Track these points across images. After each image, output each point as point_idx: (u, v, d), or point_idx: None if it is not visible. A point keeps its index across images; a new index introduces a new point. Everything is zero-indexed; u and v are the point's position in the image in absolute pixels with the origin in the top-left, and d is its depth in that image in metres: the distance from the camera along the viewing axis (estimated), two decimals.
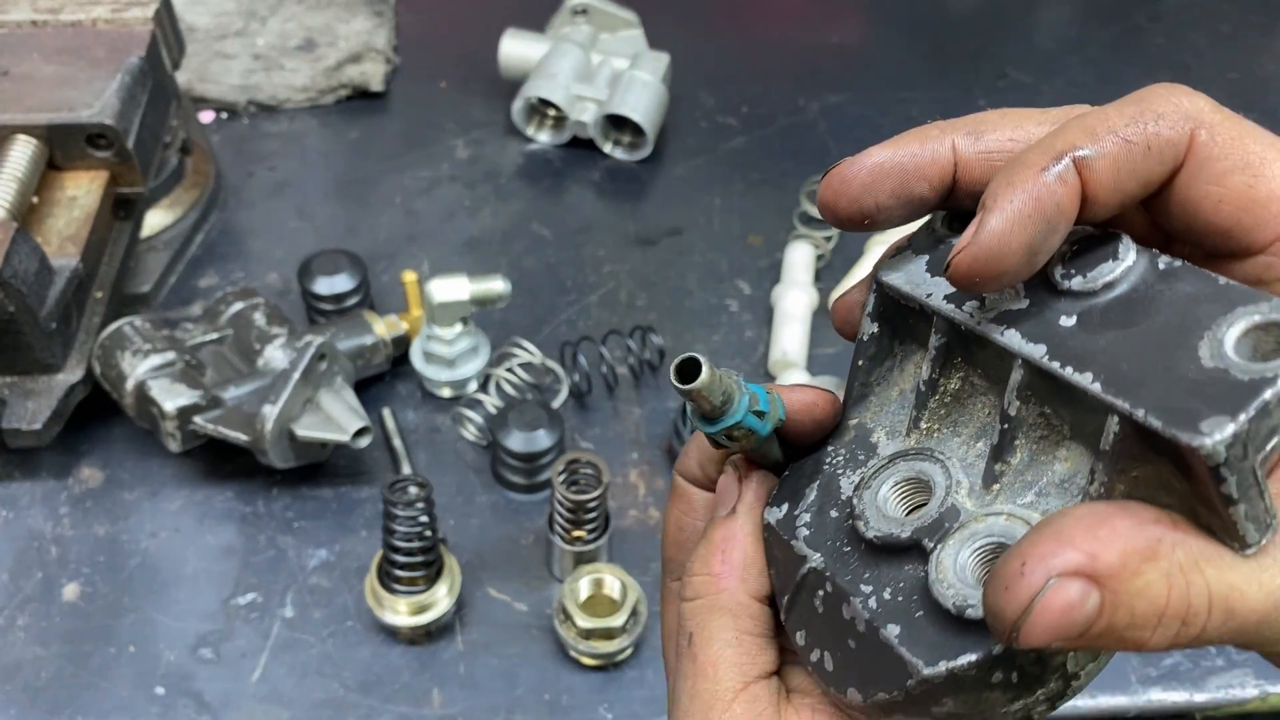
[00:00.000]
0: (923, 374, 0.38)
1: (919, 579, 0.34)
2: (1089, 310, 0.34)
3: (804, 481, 0.40)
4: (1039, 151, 0.34)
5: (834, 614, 0.36)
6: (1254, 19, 1.30)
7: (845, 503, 0.38)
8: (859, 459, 0.40)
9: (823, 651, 0.36)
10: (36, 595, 0.75)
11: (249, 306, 0.81)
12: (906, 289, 0.38)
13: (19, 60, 0.85)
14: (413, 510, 0.68)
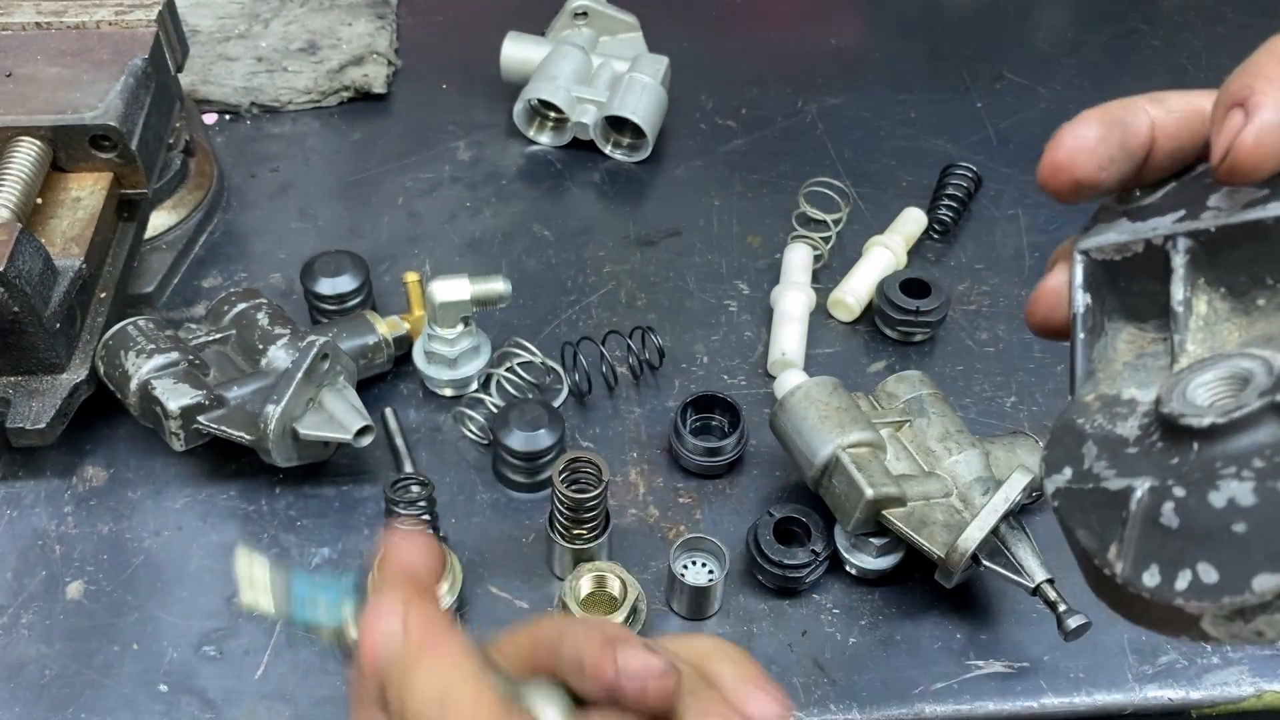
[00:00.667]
0: (1175, 295, 0.38)
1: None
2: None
3: (1071, 449, 0.38)
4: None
5: (1198, 518, 0.33)
6: (1250, 21, 1.31)
7: (1145, 430, 0.36)
8: (1122, 413, 0.38)
9: (1193, 569, 0.33)
10: (40, 593, 0.76)
11: (252, 307, 0.82)
12: (1124, 238, 0.39)
13: (23, 62, 0.85)
14: (415, 509, 0.68)
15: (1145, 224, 0.39)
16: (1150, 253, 0.39)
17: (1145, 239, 0.39)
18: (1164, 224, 0.39)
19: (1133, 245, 0.39)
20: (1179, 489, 0.34)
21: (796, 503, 0.79)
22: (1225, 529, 0.33)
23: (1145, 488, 0.35)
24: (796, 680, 0.73)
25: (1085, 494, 0.37)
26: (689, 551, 0.77)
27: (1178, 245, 0.38)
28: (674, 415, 0.83)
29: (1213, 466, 0.34)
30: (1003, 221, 1.05)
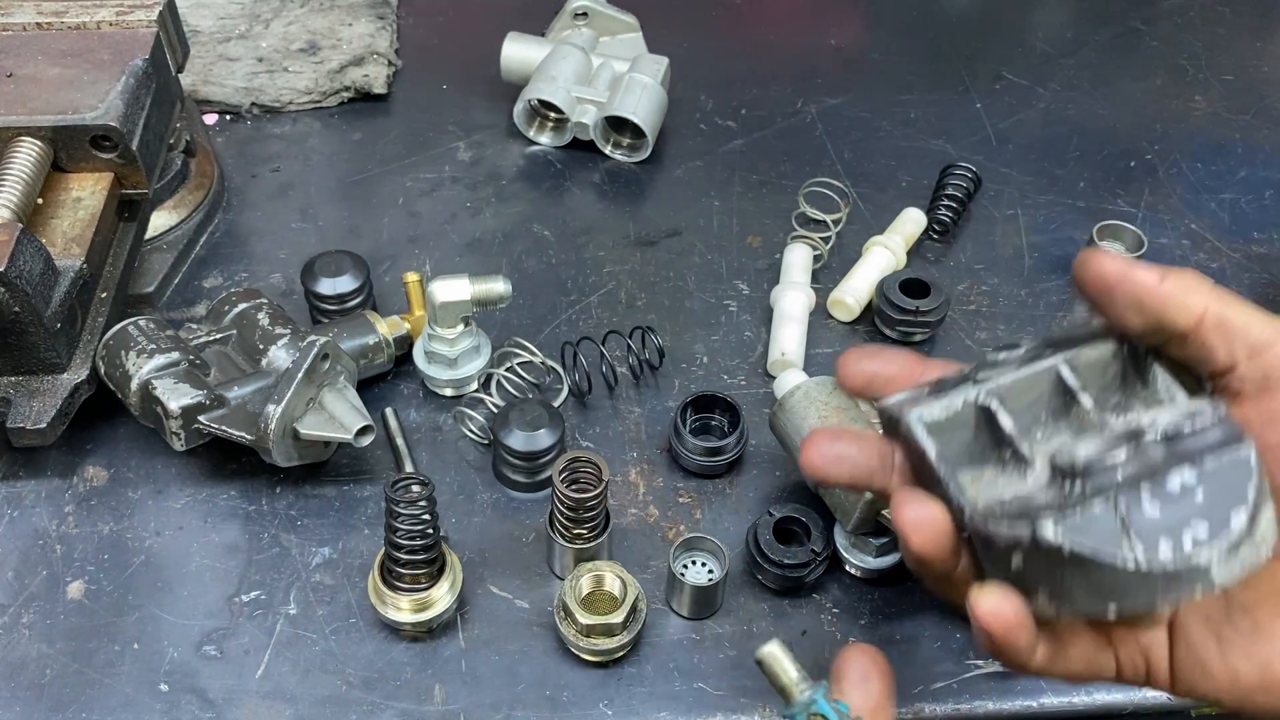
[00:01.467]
0: (1005, 424, 0.51)
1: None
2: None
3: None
4: None
5: (1167, 500, 0.46)
6: (1249, 22, 1.31)
7: (1063, 491, 0.48)
8: (1022, 496, 0.49)
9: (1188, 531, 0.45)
10: (41, 593, 0.76)
11: (253, 307, 0.82)
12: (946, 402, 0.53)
13: (24, 62, 0.85)
14: (415, 508, 0.68)
15: (951, 394, 0.53)
16: (968, 410, 0.52)
17: (962, 399, 0.52)
18: (968, 391, 0.53)
19: (953, 406, 0.52)
20: (1145, 487, 0.46)
21: (796, 503, 0.79)
22: (1190, 498, 0.45)
23: (1120, 496, 0.46)
24: None
25: (1075, 521, 0.46)
26: (689, 551, 0.77)
27: (991, 396, 0.52)
28: (674, 415, 0.83)
29: (1148, 471, 0.46)
30: (1002, 222, 1.05)
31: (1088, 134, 1.15)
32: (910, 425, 0.52)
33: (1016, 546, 0.47)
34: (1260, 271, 1.01)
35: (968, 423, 0.52)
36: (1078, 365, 0.52)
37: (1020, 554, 0.47)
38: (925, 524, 0.50)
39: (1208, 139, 1.15)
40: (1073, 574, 0.46)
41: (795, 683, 0.51)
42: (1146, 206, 1.07)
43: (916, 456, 0.52)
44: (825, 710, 0.50)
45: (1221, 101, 1.20)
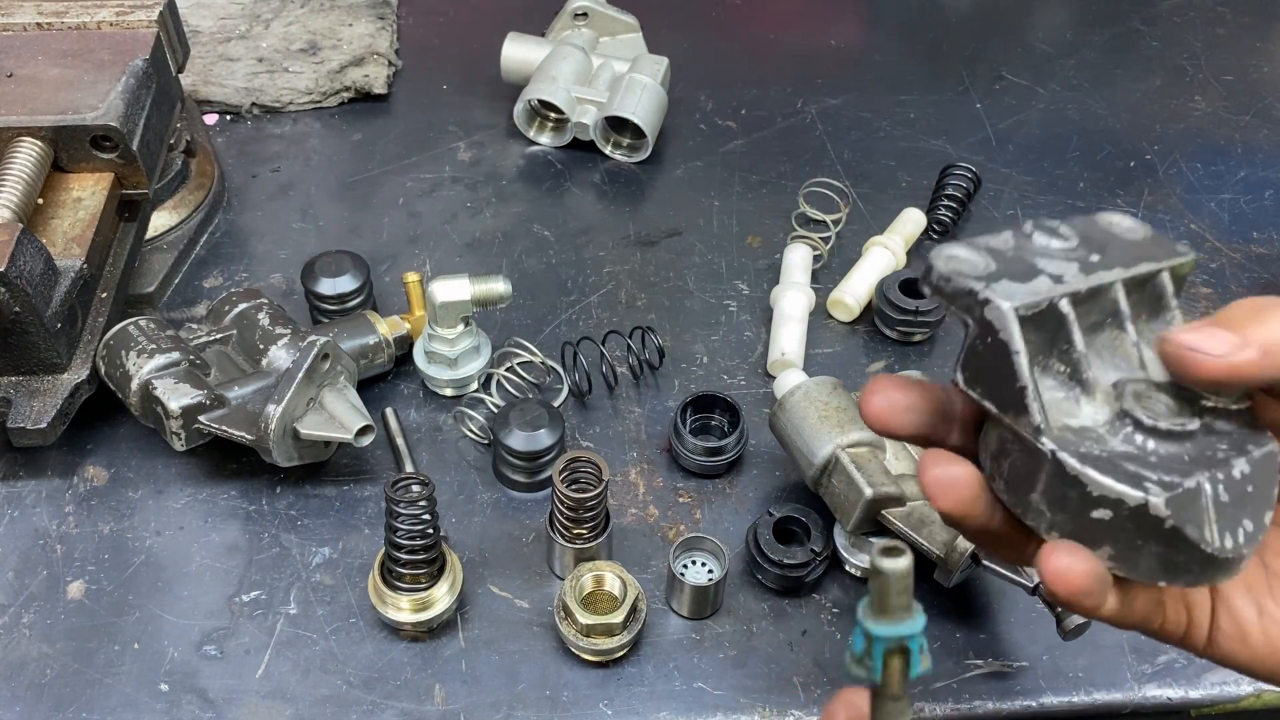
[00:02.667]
0: (1077, 341, 0.48)
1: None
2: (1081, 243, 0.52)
3: (1123, 471, 0.46)
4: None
5: (1234, 489, 0.46)
6: (1249, 21, 1.31)
7: (1137, 444, 0.47)
8: (1097, 436, 0.48)
9: (1240, 525, 0.46)
10: (41, 593, 0.76)
11: (253, 307, 0.82)
12: (1036, 297, 0.47)
13: (24, 63, 0.85)
14: (415, 508, 0.68)
15: (1031, 284, 0.48)
16: (1048, 310, 0.48)
17: (1049, 297, 0.48)
18: (1048, 285, 0.48)
19: (1041, 302, 0.47)
20: (1219, 474, 0.46)
21: (796, 503, 0.79)
22: (1245, 490, 0.46)
23: (1206, 479, 0.46)
24: (796, 680, 0.73)
25: (1179, 498, 0.45)
26: (689, 551, 0.77)
27: (1067, 302, 0.48)
28: (674, 415, 0.83)
29: (1208, 455, 0.47)
30: (1002, 222, 1.05)
31: (1087, 134, 1.15)
32: (1002, 314, 0.47)
33: (1106, 502, 0.45)
34: (1260, 271, 1.01)
35: (1039, 320, 0.48)
36: (1129, 280, 0.50)
37: (1107, 509, 0.46)
38: (950, 485, 0.48)
39: (1207, 139, 1.15)
40: (1154, 545, 0.46)
41: (904, 606, 0.44)
42: (1146, 207, 1.07)
43: (989, 348, 0.48)
44: (915, 647, 0.44)
45: (1221, 102, 1.20)
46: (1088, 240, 0.52)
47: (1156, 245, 0.53)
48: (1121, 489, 0.45)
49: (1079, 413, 0.48)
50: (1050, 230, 0.52)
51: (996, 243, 0.51)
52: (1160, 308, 0.52)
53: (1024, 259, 0.50)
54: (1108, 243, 0.52)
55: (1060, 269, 0.49)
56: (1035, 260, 0.50)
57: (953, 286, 0.48)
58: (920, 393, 0.52)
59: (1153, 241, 0.53)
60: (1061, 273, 0.49)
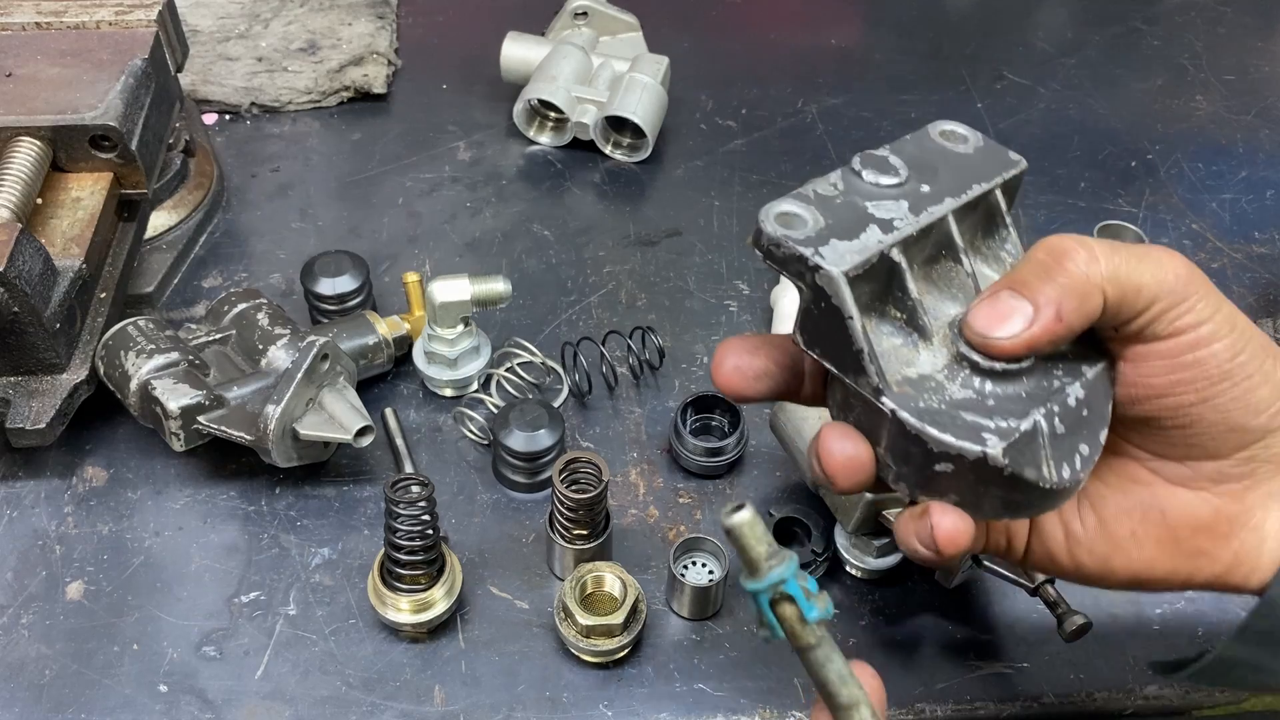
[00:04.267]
0: (911, 289, 0.48)
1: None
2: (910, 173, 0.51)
3: (962, 424, 0.46)
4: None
5: (1068, 418, 0.48)
6: (1250, 21, 1.31)
7: (974, 387, 0.48)
8: (935, 386, 0.48)
9: (1077, 450, 0.48)
10: (40, 594, 0.76)
11: (252, 307, 0.82)
12: (865, 255, 0.47)
13: (23, 62, 0.85)
14: (415, 509, 0.68)
15: (859, 240, 0.48)
16: (881, 261, 0.48)
17: (879, 251, 0.47)
18: (877, 236, 0.48)
19: (870, 259, 0.47)
20: (1055, 405, 0.47)
21: (796, 503, 0.79)
22: (1080, 416, 0.48)
23: (1040, 415, 0.47)
24: (797, 681, 0.73)
25: (1015, 444, 0.46)
26: (689, 552, 0.77)
27: (898, 251, 0.48)
28: (674, 415, 0.83)
29: (1044, 385, 0.48)
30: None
31: (1088, 134, 1.15)
32: (832, 279, 0.46)
33: (947, 456, 0.46)
34: (1261, 271, 1.01)
35: (872, 271, 0.48)
36: (958, 210, 0.51)
37: (948, 463, 0.46)
38: (853, 467, 0.49)
39: (1209, 139, 1.15)
40: (995, 489, 0.47)
41: (764, 557, 0.44)
42: (1147, 206, 1.07)
43: (824, 311, 0.48)
44: (794, 591, 0.44)
45: (1222, 101, 1.20)
46: (918, 167, 0.52)
47: (988, 157, 0.53)
48: (961, 444, 0.46)
49: (918, 359, 0.49)
50: (879, 164, 0.51)
51: (825, 188, 0.50)
52: (994, 225, 0.52)
53: (855, 205, 0.49)
54: (938, 165, 0.52)
55: (891, 211, 0.49)
56: (866, 205, 0.49)
57: (783, 252, 0.48)
58: (767, 354, 0.53)
59: (984, 153, 0.53)
60: (892, 216, 0.49)
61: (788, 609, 0.44)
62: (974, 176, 0.51)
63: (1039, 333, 0.47)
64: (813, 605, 0.44)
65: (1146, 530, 0.53)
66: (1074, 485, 0.47)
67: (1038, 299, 0.47)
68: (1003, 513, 0.48)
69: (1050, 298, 0.47)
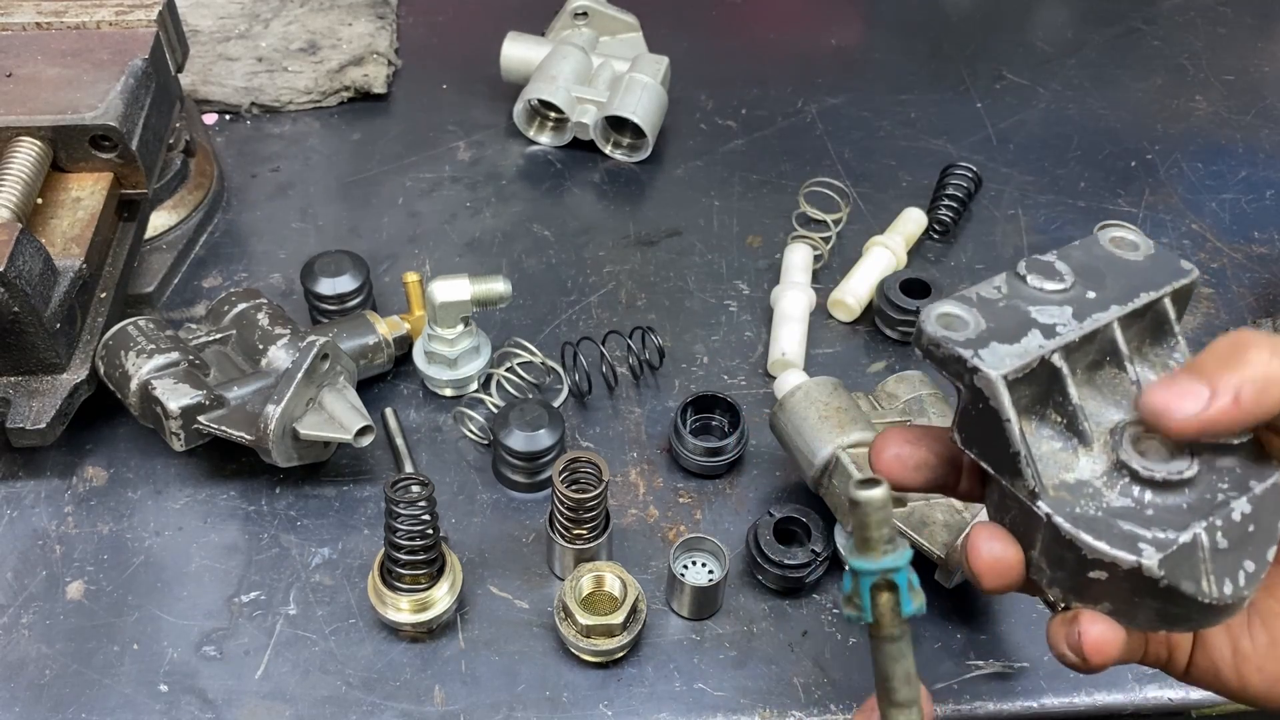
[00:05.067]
0: (1073, 394, 0.49)
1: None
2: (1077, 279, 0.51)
3: (1118, 532, 0.46)
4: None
5: (1234, 534, 0.47)
6: (1250, 21, 1.31)
7: (1134, 497, 0.47)
8: (1092, 493, 0.48)
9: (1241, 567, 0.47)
10: (41, 593, 0.76)
11: (252, 307, 0.82)
12: (1025, 359, 0.48)
13: (23, 62, 0.85)
14: (415, 509, 0.68)
15: (1020, 344, 0.48)
16: (1041, 366, 0.48)
17: (1039, 355, 0.48)
18: (1039, 341, 0.49)
19: (1031, 362, 0.48)
20: (1218, 519, 0.46)
21: (796, 503, 0.79)
22: (1245, 531, 0.46)
23: (1202, 529, 0.46)
24: (797, 680, 0.73)
25: (1172, 556, 0.45)
26: (689, 551, 0.77)
27: (1060, 355, 0.48)
28: (674, 415, 0.83)
29: (1207, 498, 0.47)
30: (1003, 221, 1.05)
31: (1088, 134, 1.15)
32: (990, 382, 0.47)
33: (1100, 564, 0.46)
34: (1261, 271, 1.01)
35: (1032, 375, 0.49)
36: (1124, 318, 0.50)
37: (1102, 570, 0.46)
38: (1000, 569, 0.49)
39: (1208, 139, 1.15)
40: (1151, 600, 0.46)
41: (884, 540, 0.44)
42: (1147, 206, 1.07)
43: (981, 412, 0.48)
44: (902, 581, 0.44)
45: (1222, 101, 1.20)
46: (1085, 272, 0.52)
47: (1158, 265, 0.52)
48: (1115, 553, 0.45)
49: (1076, 464, 0.49)
50: (1044, 269, 0.52)
51: (989, 291, 0.51)
52: (1163, 334, 0.52)
53: (1017, 309, 0.50)
54: (1106, 271, 0.52)
55: (1054, 316, 0.49)
56: (1029, 310, 0.50)
57: (943, 352, 0.49)
58: (928, 446, 0.53)
59: (1154, 261, 0.53)
60: (1055, 321, 0.49)
61: (886, 596, 0.45)
62: (1142, 284, 0.51)
63: (1216, 415, 0.46)
64: (911, 600, 0.45)
65: None
66: (1237, 602, 0.46)
67: (1216, 384, 0.46)
68: (1159, 625, 0.47)
69: (1230, 384, 0.46)
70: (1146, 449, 0.48)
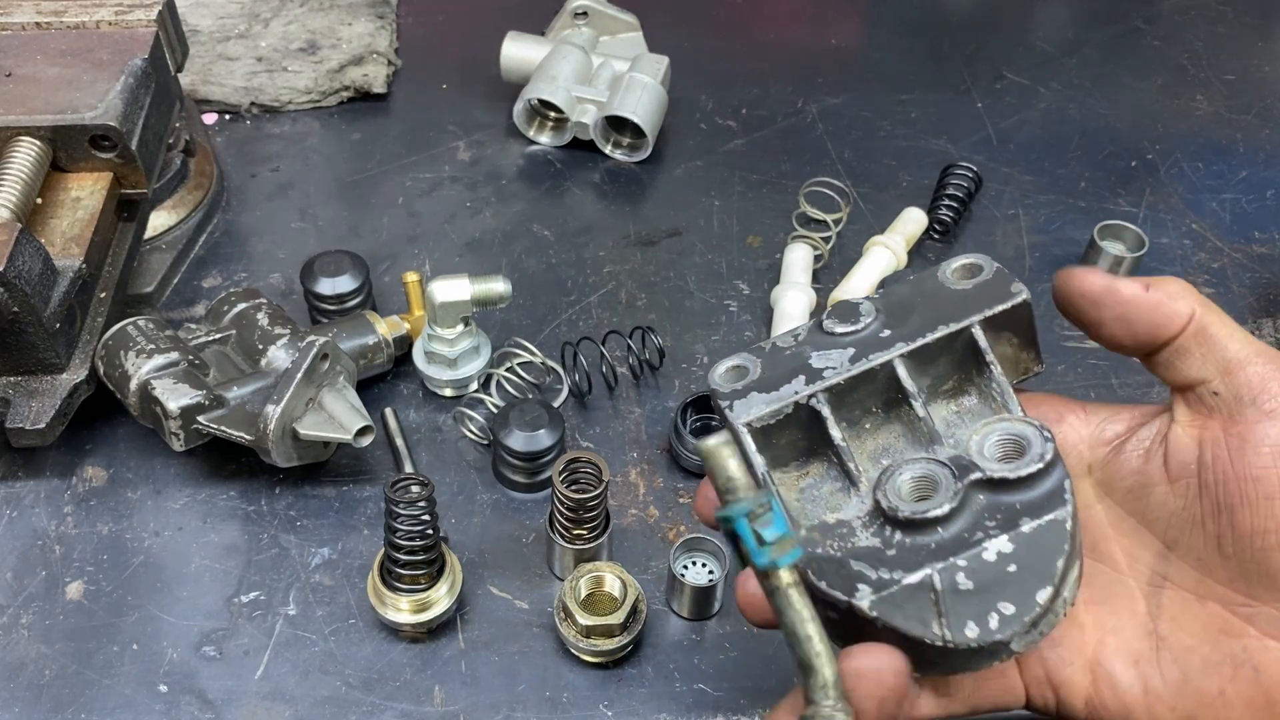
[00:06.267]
0: (835, 436, 0.49)
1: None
2: (878, 318, 0.52)
3: (845, 572, 0.47)
4: None
5: (983, 574, 0.45)
6: (1250, 20, 1.31)
7: (883, 536, 0.47)
8: (844, 533, 0.48)
9: (996, 609, 0.45)
10: (40, 594, 0.76)
11: (252, 307, 0.82)
12: (774, 406, 0.49)
13: (23, 62, 0.85)
14: (414, 509, 0.68)
15: (778, 392, 0.50)
16: (798, 410, 0.50)
17: (793, 401, 0.49)
18: (798, 387, 0.50)
19: (784, 409, 0.49)
20: (960, 560, 0.45)
21: None
22: (1002, 572, 0.45)
23: (937, 570, 0.45)
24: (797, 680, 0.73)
25: (893, 596, 0.45)
26: (689, 552, 0.77)
27: (821, 399, 0.50)
28: (674, 415, 0.83)
29: (964, 537, 0.46)
30: (1003, 221, 1.05)
31: (1089, 133, 1.15)
32: (737, 430, 0.49)
33: (826, 603, 0.46)
34: (1261, 271, 1.01)
35: (799, 419, 0.50)
36: (916, 353, 0.50)
37: (831, 610, 0.46)
38: (758, 606, 0.48)
39: (1209, 139, 1.15)
40: (882, 640, 0.46)
41: (724, 490, 0.43)
42: (1148, 206, 1.07)
43: (742, 457, 0.48)
44: (743, 531, 0.42)
45: (1223, 101, 1.20)
46: (893, 309, 0.52)
47: (983, 292, 0.51)
48: (832, 593, 0.46)
49: (845, 505, 0.49)
50: (845, 312, 0.52)
51: (785, 340, 0.53)
52: (980, 363, 0.51)
53: (799, 355, 0.52)
54: (919, 306, 0.52)
55: (829, 360, 0.51)
56: (810, 356, 0.51)
57: (715, 402, 0.52)
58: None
59: (982, 288, 0.51)
60: (827, 365, 0.50)
61: (741, 547, 0.43)
62: (951, 315, 0.51)
63: (1122, 286, 0.49)
64: (760, 553, 0.42)
65: (1237, 689, 0.47)
66: (992, 645, 0.44)
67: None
68: (915, 667, 0.46)
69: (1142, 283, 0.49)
70: (900, 489, 0.48)
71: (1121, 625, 0.50)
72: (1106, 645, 0.50)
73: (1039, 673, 0.51)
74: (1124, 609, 0.51)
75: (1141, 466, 0.50)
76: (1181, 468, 0.49)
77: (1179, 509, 0.49)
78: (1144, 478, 0.50)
